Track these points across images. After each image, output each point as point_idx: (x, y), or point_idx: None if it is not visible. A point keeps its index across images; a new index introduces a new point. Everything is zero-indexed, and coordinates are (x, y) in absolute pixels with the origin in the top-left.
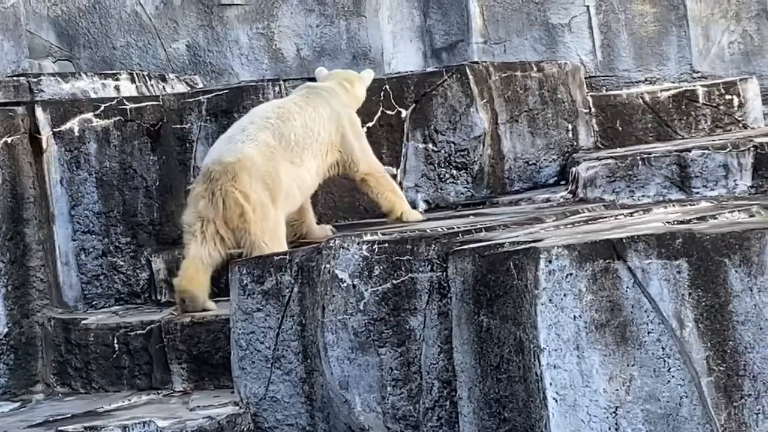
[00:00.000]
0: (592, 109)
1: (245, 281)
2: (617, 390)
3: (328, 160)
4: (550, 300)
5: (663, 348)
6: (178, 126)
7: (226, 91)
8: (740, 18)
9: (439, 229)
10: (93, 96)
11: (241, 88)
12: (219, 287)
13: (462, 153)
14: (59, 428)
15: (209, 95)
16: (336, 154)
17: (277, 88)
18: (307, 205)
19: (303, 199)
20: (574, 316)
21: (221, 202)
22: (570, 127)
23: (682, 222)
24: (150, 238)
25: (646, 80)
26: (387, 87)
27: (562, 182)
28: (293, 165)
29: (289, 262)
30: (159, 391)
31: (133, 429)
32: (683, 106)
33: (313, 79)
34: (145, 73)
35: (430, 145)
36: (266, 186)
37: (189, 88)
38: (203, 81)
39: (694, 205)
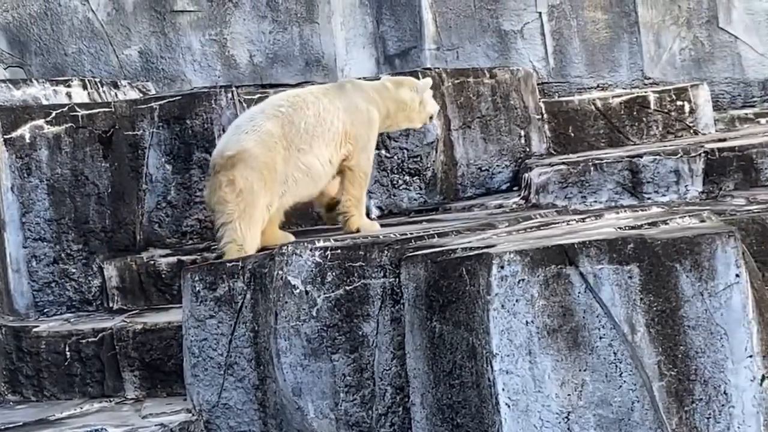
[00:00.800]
0: (545, 116)
1: (197, 288)
2: (569, 395)
3: (342, 151)
4: (502, 305)
5: (615, 353)
6: (130, 132)
7: (179, 97)
8: (691, 25)
9: (392, 235)
10: (44, 103)
11: (193, 94)
12: (171, 294)
13: (415, 159)
14: None
15: (161, 102)
16: (348, 146)
17: (230, 95)
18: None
19: (318, 186)
20: (527, 322)
21: (223, 192)
22: (522, 133)
23: (633, 227)
24: (102, 245)
25: (598, 86)
26: None
27: (515, 188)
28: (300, 152)
29: (241, 268)
30: (111, 399)
31: None
32: (635, 112)
33: (271, 86)
34: (97, 80)
35: (383, 152)
36: (261, 176)
37: (141, 95)
38: (156, 87)
39: (645, 210)
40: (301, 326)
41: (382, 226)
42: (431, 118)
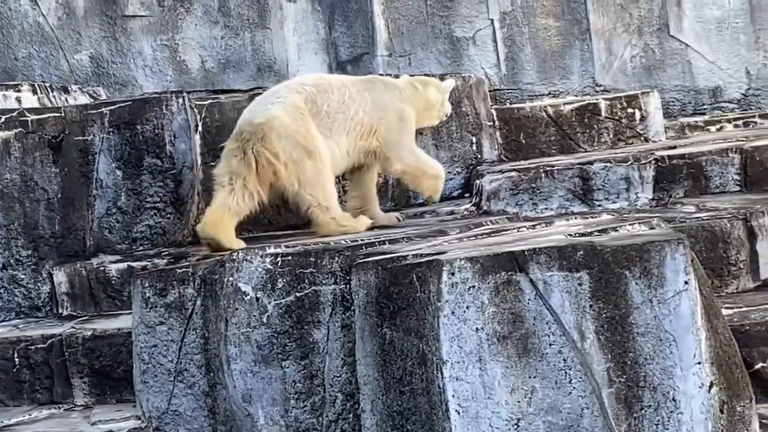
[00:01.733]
0: (496, 122)
1: (148, 294)
2: (519, 402)
3: (362, 143)
4: (452, 312)
5: (564, 360)
6: (80, 138)
7: (129, 102)
8: (642, 32)
9: (343, 242)
10: None
11: (144, 99)
12: (122, 300)
13: None
14: None
15: (112, 107)
16: (374, 143)
17: (180, 100)
18: (372, 193)
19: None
20: (477, 329)
21: (253, 161)
22: (474, 140)
23: (583, 234)
24: (51, 251)
25: (549, 93)
26: None
27: (467, 195)
28: (321, 135)
29: (192, 275)
30: (60, 406)
31: None
32: (586, 120)
33: (223, 92)
34: (47, 85)
35: None
36: (298, 143)
37: (92, 100)
38: (106, 93)
39: (595, 217)
40: (251, 333)
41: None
42: (446, 116)
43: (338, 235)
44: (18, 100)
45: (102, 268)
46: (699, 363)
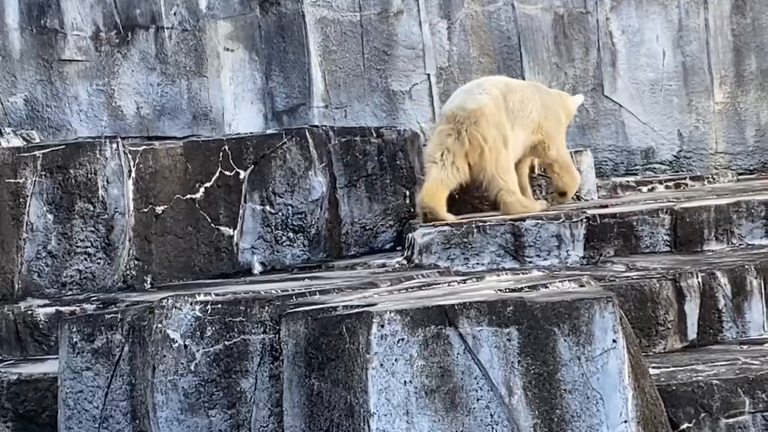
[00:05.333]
0: None
1: (75, 339)
2: None
3: (532, 138)
4: (381, 365)
5: (492, 415)
6: (11, 180)
7: (63, 146)
8: (577, 91)
9: (274, 291)
10: None
11: (77, 144)
12: (49, 345)
13: (299, 216)
14: None
15: (45, 150)
16: (539, 136)
17: (114, 146)
18: (526, 182)
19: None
20: (405, 381)
21: (467, 141)
22: (408, 193)
23: (514, 290)
24: None
25: None
26: (226, 147)
27: (399, 248)
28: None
29: (120, 321)
30: None
31: None
32: None
33: (158, 138)
34: None
35: (268, 207)
36: (499, 131)
37: (25, 143)
38: (40, 136)
39: (526, 273)
40: (178, 380)
41: (263, 282)
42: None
43: (521, 213)
44: None
45: (30, 312)
46: (625, 422)
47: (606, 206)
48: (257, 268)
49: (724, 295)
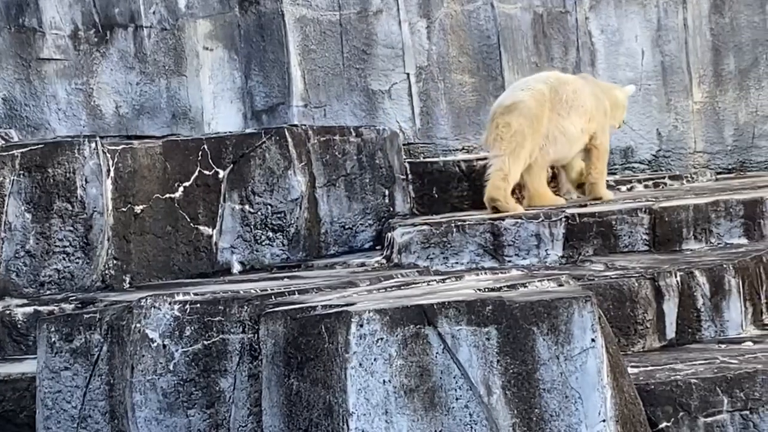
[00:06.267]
0: (410, 176)
1: (53, 339)
2: None
3: (589, 126)
4: (360, 364)
5: (471, 414)
6: None
7: (41, 146)
8: None
9: (253, 291)
10: None
11: (56, 143)
12: (27, 345)
13: (279, 215)
14: None
15: (23, 149)
16: (594, 125)
17: (93, 145)
18: (577, 175)
19: (571, 149)
20: (384, 381)
21: (504, 134)
22: (387, 192)
23: (493, 289)
24: None
25: (463, 149)
26: (205, 147)
27: (378, 247)
28: (560, 116)
29: (99, 320)
30: None
31: None
32: None
33: (137, 138)
34: None
35: (247, 207)
36: (531, 124)
37: (3, 142)
38: (19, 135)
39: (505, 273)
40: (157, 380)
41: (242, 281)
42: (622, 124)
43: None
44: None
45: (8, 312)
46: (604, 421)
47: (585, 205)
48: (236, 268)
49: (703, 294)
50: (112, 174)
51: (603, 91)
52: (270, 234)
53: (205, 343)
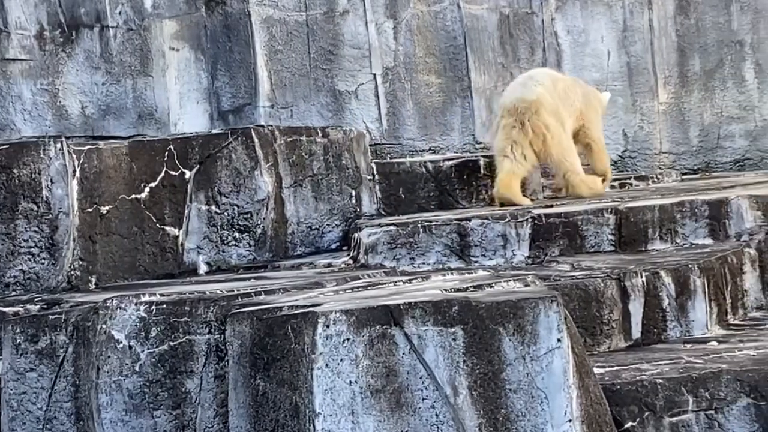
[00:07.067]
0: (376, 176)
1: (18, 340)
2: None
3: (575, 124)
4: (326, 365)
5: (437, 415)
6: None
7: (6, 146)
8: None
9: (219, 292)
10: None
11: (21, 143)
12: None
13: (245, 216)
14: None
15: None
16: (581, 122)
17: (59, 145)
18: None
19: (561, 147)
20: (350, 381)
21: (530, 131)
22: (354, 193)
23: (459, 290)
24: None
25: (430, 149)
26: (171, 147)
27: (345, 248)
28: None
29: (64, 321)
30: None
31: None
32: (465, 176)
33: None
34: None
35: (214, 207)
36: (557, 118)
37: None
38: None
39: (472, 273)
40: (123, 381)
41: (209, 282)
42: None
43: (588, 195)
44: None
45: None
46: (570, 421)
47: (551, 206)
48: (203, 268)
49: (668, 294)
50: (77, 174)
51: (591, 92)
52: (236, 234)
53: (171, 344)
